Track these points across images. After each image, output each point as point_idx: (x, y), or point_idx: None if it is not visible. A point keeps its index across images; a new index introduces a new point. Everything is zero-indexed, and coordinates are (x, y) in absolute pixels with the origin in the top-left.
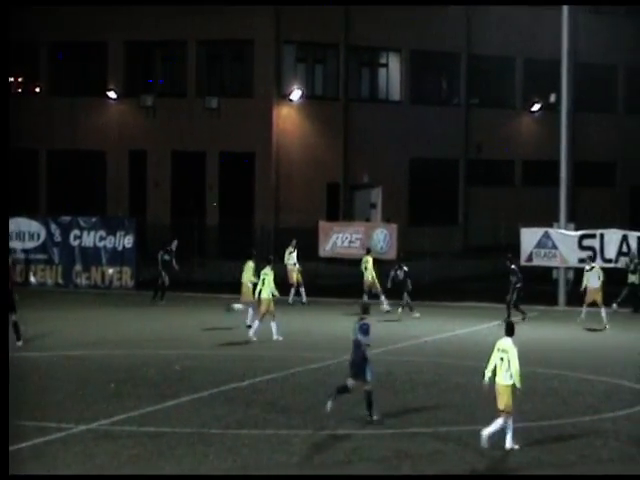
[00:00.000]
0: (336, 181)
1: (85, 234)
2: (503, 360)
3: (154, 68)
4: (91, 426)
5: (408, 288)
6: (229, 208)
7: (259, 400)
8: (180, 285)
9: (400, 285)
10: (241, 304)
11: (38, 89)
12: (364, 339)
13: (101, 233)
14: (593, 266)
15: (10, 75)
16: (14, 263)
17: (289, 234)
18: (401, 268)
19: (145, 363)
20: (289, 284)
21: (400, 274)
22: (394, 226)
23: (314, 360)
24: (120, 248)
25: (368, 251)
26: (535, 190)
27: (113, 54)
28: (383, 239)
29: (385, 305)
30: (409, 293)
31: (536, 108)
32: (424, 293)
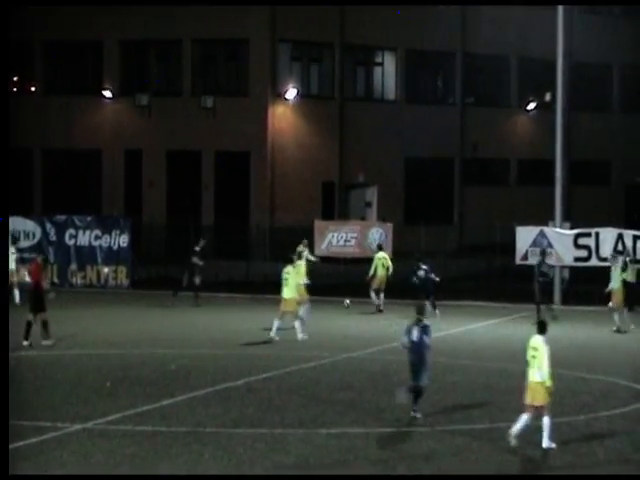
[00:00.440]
0: (331, 180)
1: (80, 233)
2: (535, 358)
3: (149, 67)
4: (87, 425)
5: (432, 287)
6: (225, 207)
7: (254, 399)
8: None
9: (423, 285)
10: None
11: (33, 88)
12: (428, 340)
13: (96, 232)
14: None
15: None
16: (44, 262)
17: (285, 233)
18: (420, 268)
19: (141, 362)
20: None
21: (422, 274)
22: (389, 225)
23: (309, 359)
24: (115, 247)
25: (380, 248)
26: (530, 189)
27: (108, 53)
28: (378, 238)
29: (380, 304)
30: (431, 292)
31: (531, 107)
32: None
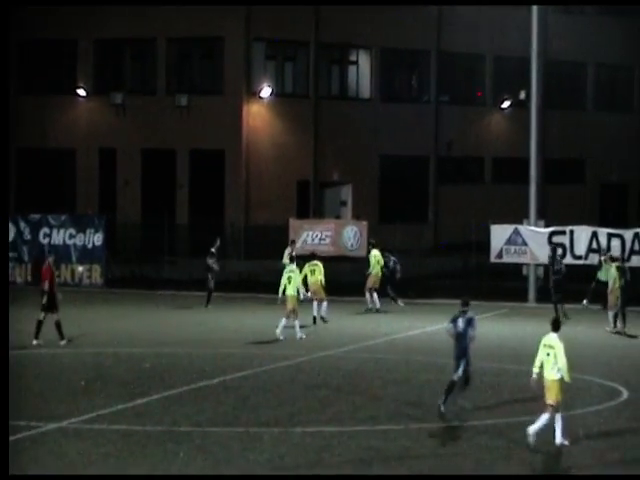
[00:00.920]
0: (306, 178)
1: (55, 232)
2: (550, 355)
3: (124, 66)
4: (61, 424)
5: (394, 279)
6: (199, 206)
7: (230, 398)
8: (150, 283)
9: (391, 275)
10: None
11: None
12: (473, 332)
13: (71, 231)
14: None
15: None
16: (55, 263)
17: (260, 232)
18: (390, 259)
19: (116, 361)
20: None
21: (391, 265)
22: (364, 223)
23: (285, 357)
24: (90, 246)
25: (373, 245)
26: (505, 187)
27: (83, 52)
28: (353, 236)
29: (377, 303)
30: (393, 284)
31: (506, 105)
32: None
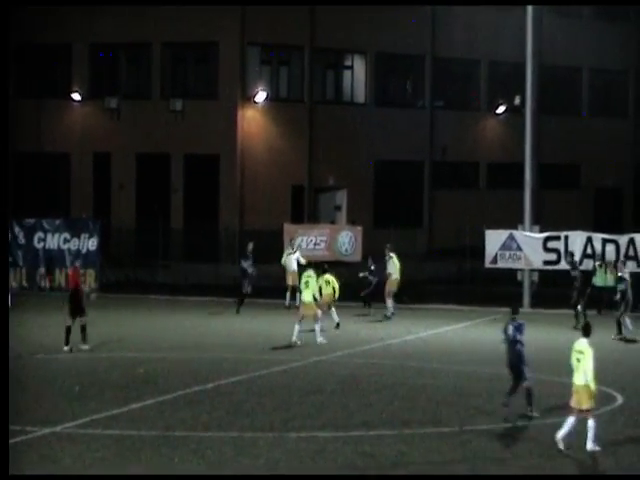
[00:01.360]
0: (301, 183)
1: (49, 236)
2: (580, 361)
3: (119, 70)
4: (55, 429)
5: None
6: (194, 210)
7: (224, 402)
8: (145, 287)
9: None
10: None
11: None
12: (522, 337)
13: (65, 235)
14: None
15: None
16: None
17: (254, 236)
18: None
19: (110, 366)
20: (285, 286)
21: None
22: (359, 228)
23: (280, 362)
24: (84, 250)
25: (391, 250)
26: (500, 192)
27: (77, 56)
28: (348, 241)
29: (391, 308)
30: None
31: (501, 110)
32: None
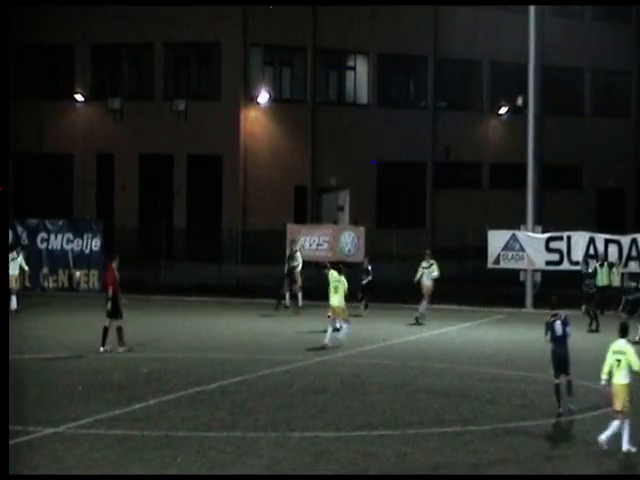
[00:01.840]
0: (304, 184)
1: (52, 237)
2: (620, 361)
3: (121, 71)
4: (58, 429)
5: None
6: (197, 211)
7: (227, 402)
8: (147, 288)
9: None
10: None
11: None
12: (570, 330)
13: (68, 236)
14: None
15: None
16: (118, 270)
17: (257, 237)
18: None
19: (113, 366)
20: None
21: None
22: (362, 229)
23: (282, 362)
24: (87, 251)
25: (429, 253)
26: (502, 193)
27: (80, 57)
28: (351, 242)
29: (422, 310)
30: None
31: (503, 111)
32: (391, 295)
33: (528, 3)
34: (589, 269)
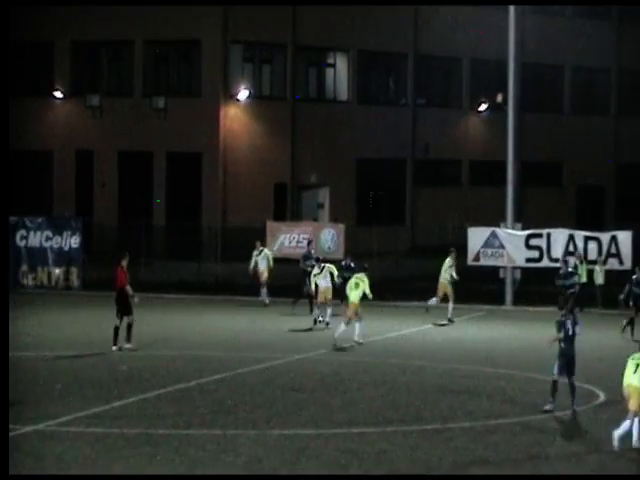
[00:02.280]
0: (284, 181)
1: (31, 234)
2: (639, 366)
3: (100, 68)
4: (38, 427)
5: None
6: (176, 208)
7: (206, 400)
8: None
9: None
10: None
11: None
12: (580, 329)
13: (47, 233)
14: None
15: None
16: (127, 268)
17: (236, 234)
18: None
19: (92, 364)
20: (258, 283)
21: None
22: (342, 226)
23: (261, 360)
24: (67, 248)
25: (452, 251)
26: (482, 190)
27: (59, 54)
28: (331, 239)
29: (450, 312)
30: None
31: (483, 108)
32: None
33: (508, 3)
34: (568, 268)
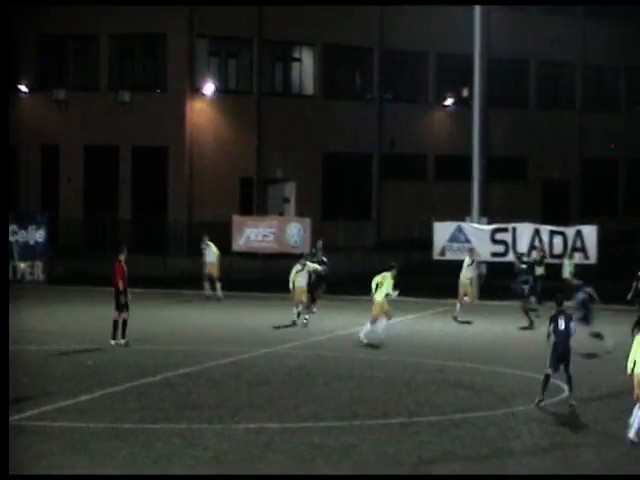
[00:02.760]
0: (249, 175)
1: None
2: None
3: (66, 62)
4: None
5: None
6: (142, 202)
7: (172, 394)
8: (92, 279)
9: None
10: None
11: None
12: (574, 326)
13: (13, 227)
14: None
15: None
16: (126, 262)
17: (203, 228)
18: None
19: (58, 358)
20: (208, 278)
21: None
22: (308, 220)
23: (227, 354)
24: (32, 242)
25: (472, 251)
26: (448, 184)
27: (25, 47)
28: (297, 233)
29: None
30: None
31: (449, 103)
32: (338, 287)
33: (475, 3)
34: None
